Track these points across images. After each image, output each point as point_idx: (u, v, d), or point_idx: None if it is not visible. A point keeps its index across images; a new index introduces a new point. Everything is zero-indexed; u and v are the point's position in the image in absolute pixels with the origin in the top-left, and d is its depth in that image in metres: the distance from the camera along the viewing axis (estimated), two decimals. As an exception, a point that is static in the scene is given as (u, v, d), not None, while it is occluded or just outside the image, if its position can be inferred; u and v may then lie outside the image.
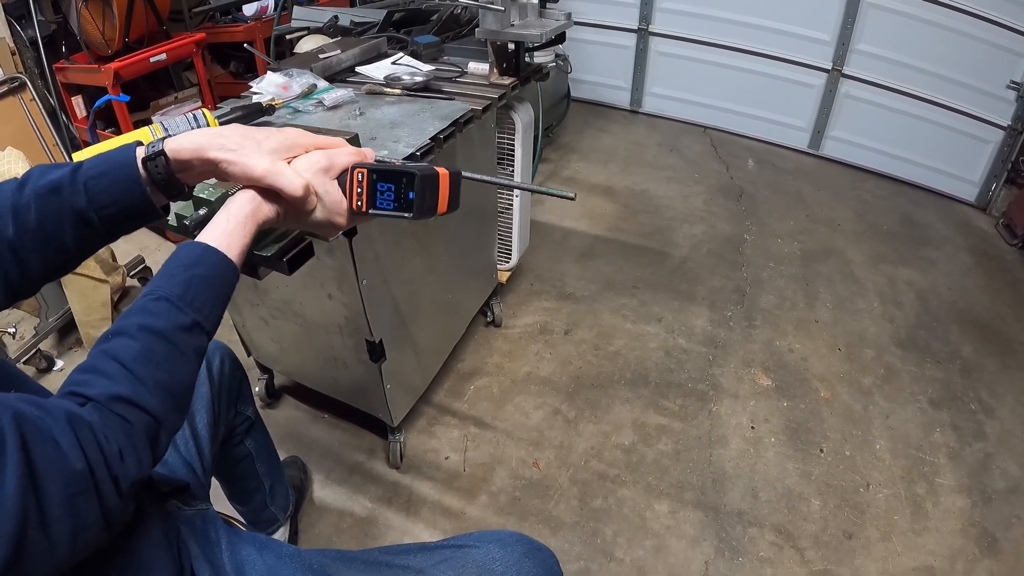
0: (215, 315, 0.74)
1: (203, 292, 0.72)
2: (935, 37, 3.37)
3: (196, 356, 0.72)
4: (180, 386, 0.70)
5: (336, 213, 0.81)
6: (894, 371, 2.38)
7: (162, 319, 0.69)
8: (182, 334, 0.69)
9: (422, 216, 0.80)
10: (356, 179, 0.80)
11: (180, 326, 0.69)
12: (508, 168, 2.22)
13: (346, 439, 2.09)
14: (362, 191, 0.80)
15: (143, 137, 1.36)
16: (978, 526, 1.86)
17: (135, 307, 0.70)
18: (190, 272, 0.72)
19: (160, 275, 0.72)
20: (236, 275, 0.77)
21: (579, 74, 4.38)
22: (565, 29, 1.91)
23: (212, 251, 0.73)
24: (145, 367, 0.66)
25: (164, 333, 0.68)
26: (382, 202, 0.79)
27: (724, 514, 1.87)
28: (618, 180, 3.69)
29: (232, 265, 0.75)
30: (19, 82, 3.00)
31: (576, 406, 2.21)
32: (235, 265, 0.76)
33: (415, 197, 0.78)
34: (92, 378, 0.64)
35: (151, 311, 0.69)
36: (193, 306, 0.70)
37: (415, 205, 0.78)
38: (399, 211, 0.79)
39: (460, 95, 1.79)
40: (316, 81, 1.76)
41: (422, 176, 0.78)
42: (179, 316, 0.69)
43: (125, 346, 0.66)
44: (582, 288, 2.78)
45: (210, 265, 0.73)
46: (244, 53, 3.75)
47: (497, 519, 1.85)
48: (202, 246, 0.74)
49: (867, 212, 3.45)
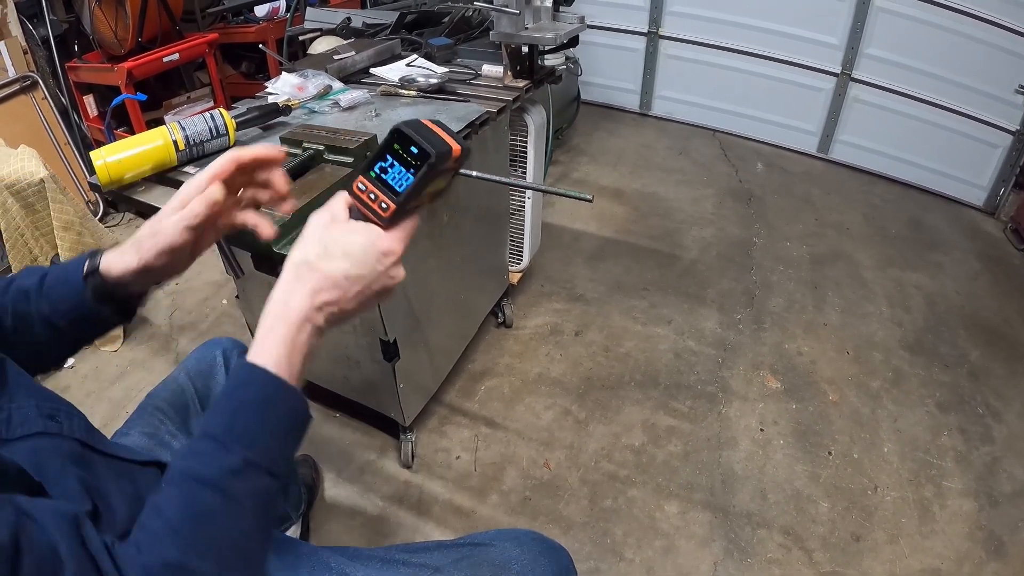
0: (276, 449, 0.64)
1: (254, 423, 0.63)
2: (944, 41, 3.37)
3: (257, 502, 0.62)
4: (242, 540, 0.61)
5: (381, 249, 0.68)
6: (902, 374, 2.39)
7: (207, 463, 0.60)
8: (231, 479, 0.60)
9: (442, 158, 0.67)
10: (362, 192, 0.69)
11: (229, 469, 0.60)
12: (520, 170, 2.23)
13: (357, 438, 2.11)
14: (376, 195, 0.68)
15: (161, 136, 1.37)
16: (985, 529, 1.86)
17: (181, 450, 0.63)
18: (235, 400, 0.64)
19: (210, 407, 0.65)
20: (295, 397, 0.66)
21: (589, 77, 4.39)
22: (579, 32, 1.92)
23: (258, 371, 0.64)
24: (192, 524, 0.58)
25: (210, 480, 0.59)
26: (400, 180, 0.67)
27: (733, 515, 1.88)
28: (628, 183, 3.70)
29: (284, 385, 0.64)
30: (31, 81, 3.03)
31: (586, 407, 2.22)
32: (289, 385, 0.65)
33: (418, 143, 0.66)
34: (141, 537, 0.58)
35: (196, 452, 0.61)
36: (242, 442, 0.61)
37: (427, 148, 0.65)
38: (420, 168, 0.66)
39: (475, 97, 1.81)
40: (331, 82, 1.77)
41: (404, 124, 0.67)
42: (225, 457, 0.60)
43: (169, 499, 0.59)
44: (592, 290, 2.79)
45: (262, 388, 0.64)
46: (256, 54, 3.76)
47: (508, 519, 1.86)
48: (247, 367, 0.64)
49: (876, 216, 3.45)
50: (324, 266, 0.66)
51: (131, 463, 0.87)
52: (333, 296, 0.66)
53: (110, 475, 0.80)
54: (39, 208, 2.19)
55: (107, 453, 0.83)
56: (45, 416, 0.76)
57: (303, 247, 0.68)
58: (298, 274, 0.67)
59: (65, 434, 0.77)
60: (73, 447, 0.77)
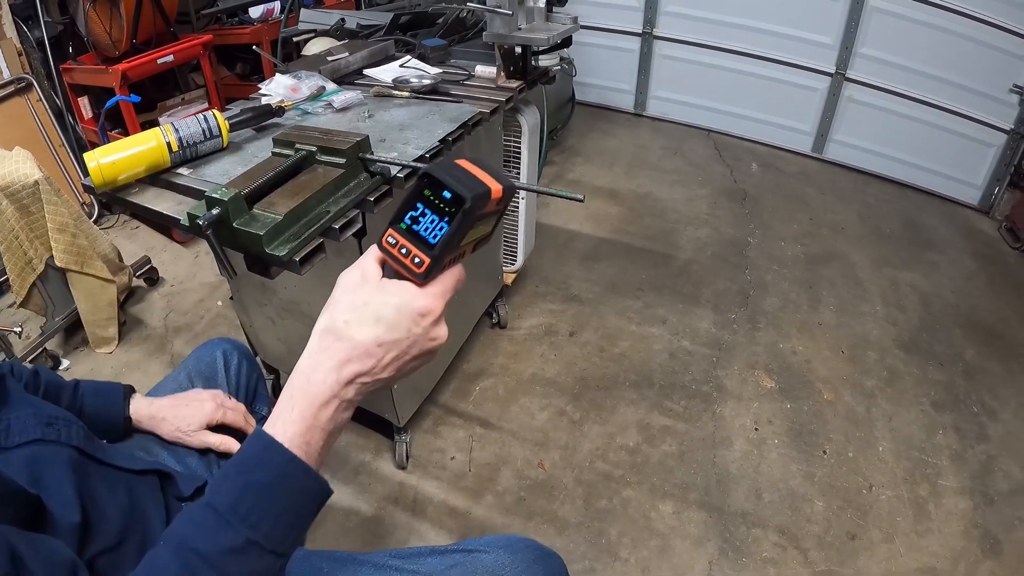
0: (283, 531, 0.59)
1: (263, 505, 0.57)
2: (938, 41, 3.38)
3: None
4: None
5: (417, 310, 0.61)
6: (897, 373, 2.39)
7: (207, 538, 0.56)
8: (229, 558, 0.56)
9: (479, 201, 0.58)
10: (392, 247, 0.61)
11: (229, 548, 0.56)
12: (514, 171, 2.23)
13: (352, 439, 2.10)
14: (408, 249, 0.60)
15: (155, 138, 1.37)
16: (980, 528, 1.87)
17: (185, 512, 0.59)
18: (245, 476, 0.58)
19: (221, 471, 0.62)
20: (311, 478, 0.60)
21: (583, 77, 4.39)
22: (572, 33, 1.92)
23: (278, 449, 0.58)
24: None
25: (208, 557, 0.55)
26: (433, 230, 0.59)
27: (728, 515, 1.88)
28: (622, 183, 3.70)
29: (300, 466, 0.59)
30: (26, 83, 3.03)
31: (581, 407, 2.22)
32: (305, 466, 0.59)
33: (450, 186, 0.57)
34: None
35: (198, 523, 0.58)
36: (247, 522, 0.56)
37: (461, 192, 0.57)
38: (455, 215, 0.57)
39: (468, 98, 1.80)
40: (325, 83, 1.77)
41: (434, 167, 0.59)
42: (226, 535, 0.56)
43: (165, 567, 0.56)
44: (587, 290, 2.79)
45: (274, 468, 0.58)
46: (251, 55, 3.76)
47: (502, 519, 1.86)
48: (263, 441, 0.59)
49: (870, 215, 3.46)
50: (354, 333, 0.59)
51: (129, 472, 0.87)
52: (365, 367, 0.60)
53: (106, 484, 0.80)
54: (34, 210, 2.18)
55: (104, 462, 0.83)
56: (43, 423, 0.76)
57: (331, 312, 0.62)
58: (324, 345, 0.61)
59: (63, 441, 0.77)
60: (71, 454, 0.77)
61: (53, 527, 0.68)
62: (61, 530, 0.70)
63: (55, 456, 0.75)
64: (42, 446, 0.74)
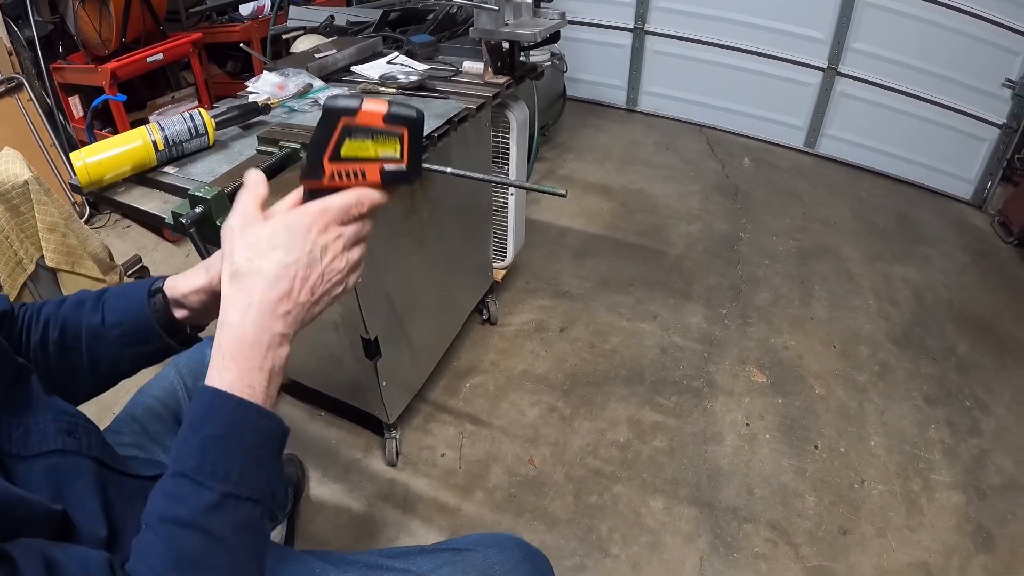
0: (253, 474, 0.59)
1: (226, 454, 0.58)
2: (930, 35, 3.38)
3: (242, 533, 0.58)
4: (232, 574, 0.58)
5: (304, 223, 0.63)
6: (889, 368, 2.39)
7: (183, 504, 0.56)
8: (211, 516, 0.56)
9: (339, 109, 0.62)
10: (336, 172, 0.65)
11: (207, 506, 0.56)
12: (504, 167, 2.22)
13: (342, 436, 2.10)
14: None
15: (140, 137, 1.36)
16: (973, 522, 1.87)
17: (156, 489, 0.58)
18: (202, 433, 0.58)
19: (177, 437, 0.60)
20: (265, 416, 0.61)
21: (575, 73, 4.38)
22: (559, 28, 1.91)
23: (222, 397, 0.59)
24: (178, 570, 0.55)
25: (189, 522, 0.55)
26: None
27: (719, 510, 1.88)
28: (614, 179, 3.70)
29: (250, 408, 0.59)
30: (16, 82, 3.01)
31: (572, 403, 2.22)
32: (255, 406, 0.60)
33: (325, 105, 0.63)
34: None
35: (171, 493, 0.58)
36: (217, 476, 0.57)
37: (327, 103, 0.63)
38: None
39: (455, 94, 1.80)
40: (312, 80, 1.76)
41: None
42: (201, 494, 0.56)
43: (151, 546, 0.56)
44: (578, 286, 2.79)
45: (224, 416, 0.59)
46: (240, 53, 3.74)
47: (493, 516, 1.86)
48: (207, 395, 0.60)
49: (863, 210, 3.45)
50: (260, 266, 0.61)
51: (143, 479, 0.86)
52: (280, 292, 0.61)
53: (124, 495, 0.79)
54: (24, 210, 2.17)
55: (121, 471, 0.82)
56: (64, 432, 0.73)
57: (229, 260, 0.62)
58: (235, 288, 0.61)
59: (83, 452, 0.75)
60: (90, 466, 0.75)
61: (79, 541, 0.67)
62: (87, 544, 0.69)
63: (77, 468, 0.73)
64: (62, 457, 0.72)
